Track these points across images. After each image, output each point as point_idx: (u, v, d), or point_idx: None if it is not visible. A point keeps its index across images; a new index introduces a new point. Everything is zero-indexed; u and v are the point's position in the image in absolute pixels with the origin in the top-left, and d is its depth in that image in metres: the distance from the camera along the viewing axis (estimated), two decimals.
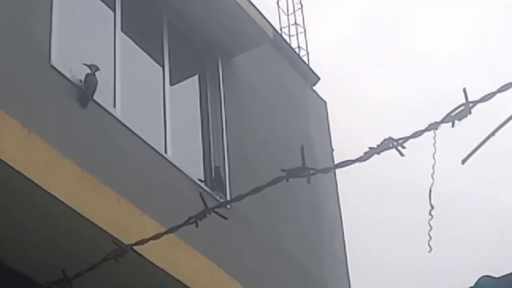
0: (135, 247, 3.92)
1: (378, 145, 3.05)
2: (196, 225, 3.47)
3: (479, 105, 2.88)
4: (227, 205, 7.93)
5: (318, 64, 11.83)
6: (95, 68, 7.30)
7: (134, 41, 8.55)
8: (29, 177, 5.17)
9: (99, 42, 8.17)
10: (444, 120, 2.94)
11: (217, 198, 8.35)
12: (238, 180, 8.86)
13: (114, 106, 7.57)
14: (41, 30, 6.95)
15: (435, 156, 3.10)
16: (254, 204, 8.54)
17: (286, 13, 12.37)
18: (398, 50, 27.94)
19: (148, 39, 8.89)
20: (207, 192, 8.33)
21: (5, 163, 5.04)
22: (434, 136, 3.00)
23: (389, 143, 3.02)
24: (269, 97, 10.35)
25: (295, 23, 12.30)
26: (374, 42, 26.63)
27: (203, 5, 9.09)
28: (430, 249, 3.21)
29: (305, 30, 12.25)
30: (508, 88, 2.85)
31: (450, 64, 27.29)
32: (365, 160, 3.09)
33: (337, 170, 9.90)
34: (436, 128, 2.98)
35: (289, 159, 9.30)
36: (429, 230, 3.19)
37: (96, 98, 7.22)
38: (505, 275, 4.79)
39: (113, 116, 7.45)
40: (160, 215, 6.26)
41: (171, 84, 8.72)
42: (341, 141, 11.86)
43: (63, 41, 7.17)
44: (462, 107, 2.90)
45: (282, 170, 3.14)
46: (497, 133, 2.93)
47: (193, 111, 9.31)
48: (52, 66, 6.89)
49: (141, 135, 7.67)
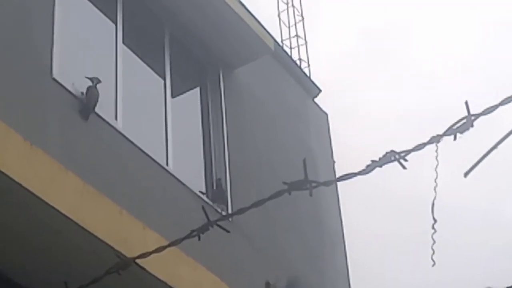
0: (137, 260, 3.90)
1: (380, 158, 3.04)
2: (199, 238, 3.45)
3: (481, 118, 2.88)
4: (230, 218, 7.91)
5: (319, 76, 11.87)
6: (96, 81, 7.31)
7: (136, 54, 8.56)
8: (31, 190, 5.17)
9: (101, 55, 8.19)
10: (446, 133, 2.93)
11: (219, 210, 8.33)
12: (239, 192, 8.85)
13: (115, 118, 7.57)
14: (42, 43, 6.97)
15: (437, 169, 3.09)
16: (255, 217, 8.53)
17: (287, 25, 12.40)
18: (400, 63, 28.00)
19: (149, 52, 8.90)
20: (208, 204, 8.32)
21: (7, 176, 5.04)
22: (436, 149, 2.99)
23: (391, 156, 3.01)
24: (271, 109, 10.35)
25: (296, 35, 12.33)
26: (375, 54, 26.67)
27: (204, 17, 9.10)
28: (434, 263, 3.19)
29: (306, 42, 12.28)
30: (510, 101, 2.85)
31: (451, 76, 27.32)
32: (367, 173, 3.08)
33: (339, 183, 9.88)
34: (438, 141, 2.97)
35: (290, 171, 9.29)
36: (432, 244, 3.17)
37: (97, 110, 7.23)
38: None
39: (114, 128, 7.45)
40: (161, 227, 6.26)
41: (172, 96, 8.73)
42: (343, 154, 11.84)
43: (64, 54, 7.17)
44: (464, 120, 2.89)
45: (284, 183, 3.13)
46: (499, 146, 2.92)
47: (194, 123, 9.31)
48: (53, 79, 6.90)
49: (142, 148, 7.67)
